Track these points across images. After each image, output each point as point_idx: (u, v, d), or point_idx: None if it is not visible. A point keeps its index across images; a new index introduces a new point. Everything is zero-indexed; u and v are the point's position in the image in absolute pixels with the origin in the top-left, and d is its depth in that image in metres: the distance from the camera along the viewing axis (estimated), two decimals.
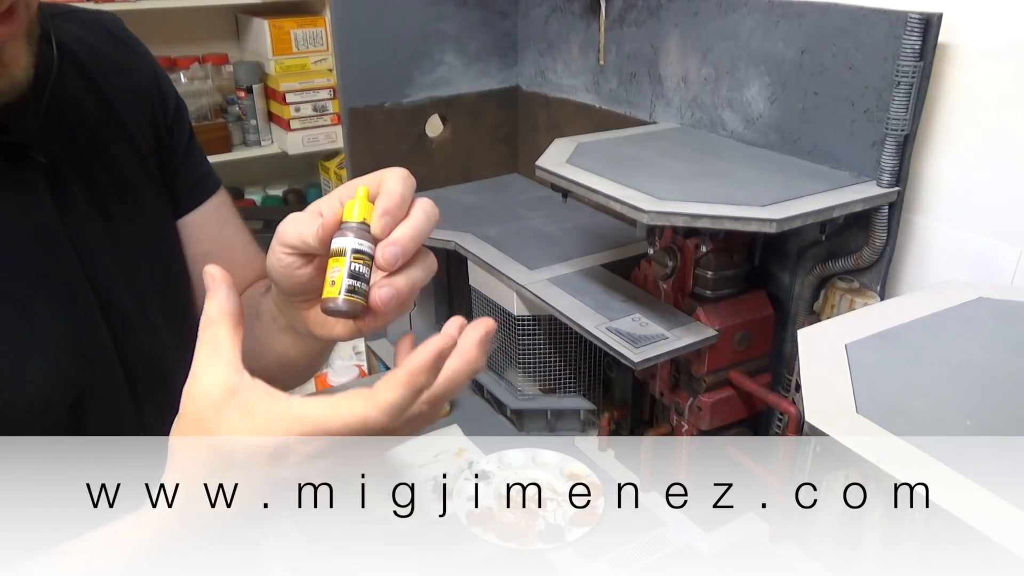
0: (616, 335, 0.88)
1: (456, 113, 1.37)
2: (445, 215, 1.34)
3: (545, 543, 0.90)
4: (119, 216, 0.66)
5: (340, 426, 0.46)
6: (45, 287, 0.59)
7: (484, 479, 1.01)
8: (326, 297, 0.52)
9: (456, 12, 1.30)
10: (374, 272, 0.53)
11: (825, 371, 0.56)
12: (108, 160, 0.66)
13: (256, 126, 2.02)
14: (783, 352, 0.98)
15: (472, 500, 0.97)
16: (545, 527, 0.93)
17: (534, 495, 0.98)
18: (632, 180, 0.83)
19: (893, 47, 0.78)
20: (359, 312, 0.52)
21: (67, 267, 0.61)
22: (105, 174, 0.66)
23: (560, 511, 0.96)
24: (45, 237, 0.59)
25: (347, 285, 0.51)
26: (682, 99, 1.07)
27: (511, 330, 1.09)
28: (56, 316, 0.59)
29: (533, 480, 1.01)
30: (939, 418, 0.51)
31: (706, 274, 0.91)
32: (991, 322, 0.63)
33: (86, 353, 0.61)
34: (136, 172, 0.69)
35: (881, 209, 0.82)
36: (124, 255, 0.66)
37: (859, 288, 0.88)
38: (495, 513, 0.96)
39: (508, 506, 0.97)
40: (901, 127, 0.79)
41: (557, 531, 0.92)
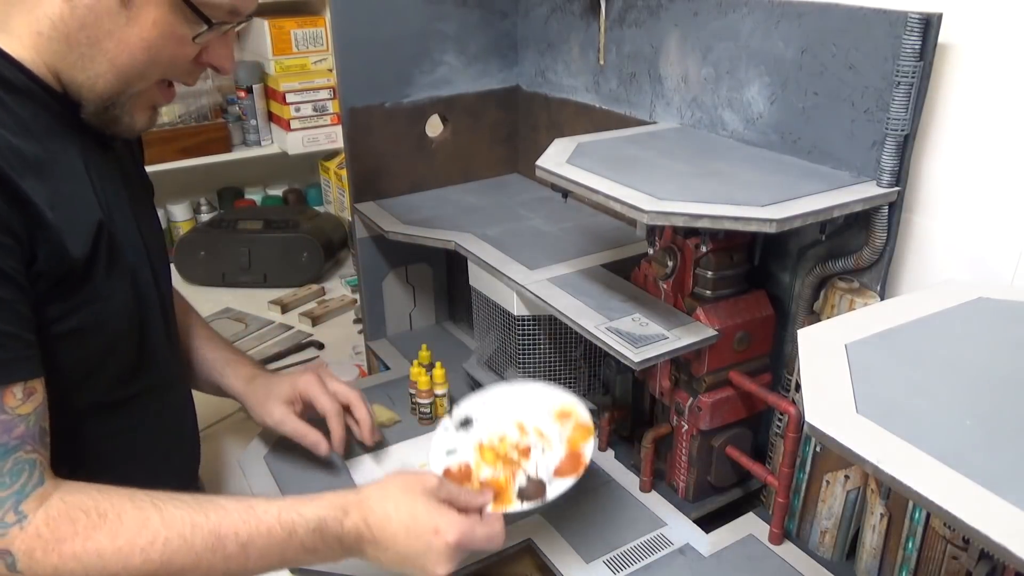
0: (616, 335, 0.88)
1: (456, 113, 1.37)
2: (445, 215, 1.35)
3: (524, 503, 0.84)
4: (143, 196, 0.91)
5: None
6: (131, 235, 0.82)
7: (465, 427, 0.95)
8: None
9: (456, 12, 1.30)
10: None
11: (825, 371, 0.56)
12: (134, 160, 0.93)
13: (256, 126, 2.02)
14: (783, 352, 0.98)
15: (452, 453, 0.91)
16: (526, 482, 0.86)
17: (517, 442, 0.92)
18: (632, 180, 0.83)
19: (893, 47, 0.78)
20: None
21: (131, 223, 0.82)
22: (133, 167, 0.91)
23: (544, 461, 0.89)
24: (119, 200, 0.81)
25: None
26: (682, 99, 1.07)
27: (511, 330, 1.09)
28: (131, 260, 0.81)
29: (519, 422, 0.94)
30: (939, 418, 0.51)
31: (706, 274, 0.91)
32: (991, 322, 0.63)
33: (141, 288, 0.82)
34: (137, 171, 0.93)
35: (881, 209, 0.82)
36: (149, 223, 0.89)
37: (859, 288, 0.88)
38: (473, 468, 0.89)
39: (488, 460, 0.90)
40: (901, 127, 0.79)
41: (538, 488, 0.85)
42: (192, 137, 1.95)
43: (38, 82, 0.72)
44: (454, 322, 1.49)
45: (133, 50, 0.72)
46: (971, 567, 0.74)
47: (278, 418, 0.99)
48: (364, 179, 1.33)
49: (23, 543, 0.65)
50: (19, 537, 0.65)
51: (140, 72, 0.74)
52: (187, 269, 1.83)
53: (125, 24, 0.71)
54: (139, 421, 0.85)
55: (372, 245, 1.36)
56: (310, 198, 2.25)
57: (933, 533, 0.77)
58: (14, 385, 0.66)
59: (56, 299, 0.71)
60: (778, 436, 0.96)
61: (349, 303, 1.72)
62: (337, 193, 2.10)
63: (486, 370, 1.20)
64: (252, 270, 1.81)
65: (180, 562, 0.69)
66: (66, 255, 0.71)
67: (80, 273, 0.73)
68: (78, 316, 0.73)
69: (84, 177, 0.75)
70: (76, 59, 0.72)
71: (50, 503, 0.67)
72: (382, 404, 1.17)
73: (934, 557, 0.77)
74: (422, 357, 1.20)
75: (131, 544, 0.68)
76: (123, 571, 0.67)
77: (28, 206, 0.67)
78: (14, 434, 0.66)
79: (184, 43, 0.75)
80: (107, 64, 0.73)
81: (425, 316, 1.48)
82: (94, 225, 0.74)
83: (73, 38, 0.71)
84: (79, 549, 0.66)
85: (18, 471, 0.66)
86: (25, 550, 0.65)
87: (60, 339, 0.72)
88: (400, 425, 1.15)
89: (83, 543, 0.67)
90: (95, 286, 0.74)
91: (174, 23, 0.73)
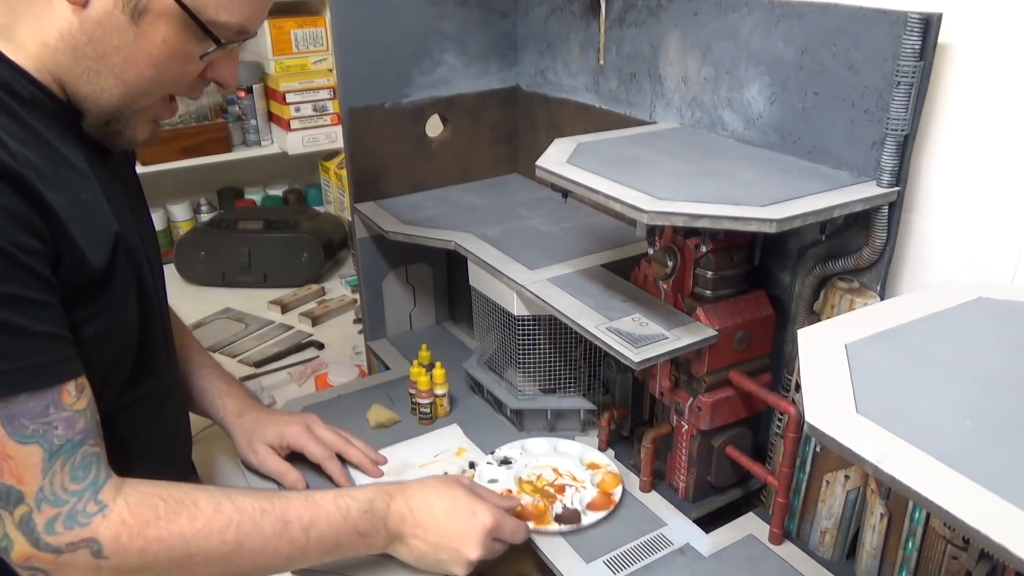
0: (616, 335, 0.88)
1: (456, 113, 1.37)
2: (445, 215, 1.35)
3: (561, 525, 0.92)
4: (138, 198, 0.91)
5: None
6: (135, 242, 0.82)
7: (506, 464, 1.03)
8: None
9: (456, 12, 1.30)
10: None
11: (825, 371, 0.56)
12: (129, 164, 0.93)
13: (256, 126, 2.02)
14: (783, 352, 0.98)
15: (493, 482, 0.99)
16: (563, 510, 0.94)
17: (552, 480, 1.00)
18: (632, 180, 0.83)
19: (893, 47, 0.78)
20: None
21: (133, 229, 0.83)
22: (128, 172, 0.92)
23: (578, 497, 0.97)
24: (120, 206, 0.81)
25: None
26: (682, 99, 1.07)
27: (511, 330, 1.09)
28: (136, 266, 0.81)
29: (553, 466, 1.03)
30: (939, 418, 0.51)
31: (706, 274, 0.91)
32: (991, 322, 0.63)
33: (145, 295, 0.83)
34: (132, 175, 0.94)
35: (881, 209, 0.82)
36: (146, 228, 0.90)
37: (859, 288, 0.88)
38: (514, 495, 0.97)
39: (527, 491, 0.98)
40: (901, 127, 0.79)
41: (573, 515, 0.93)
42: (192, 137, 1.95)
43: (45, 92, 0.72)
44: (454, 322, 1.49)
45: (140, 66, 0.73)
46: (971, 567, 0.74)
47: (261, 458, 1.02)
48: (364, 179, 1.33)
49: (108, 530, 0.69)
50: (103, 524, 0.69)
51: (145, 88, 0.75)
52: (187, 269, 1.83)
53: (134, 40, 0.71)
54: (136, 429, 0.86)
55: (372, 245, 1.36)
56: (310, 198, 2.25)
57: (933, 533, 0.77)
58: (68, 383, 0.69)
59: (75, 308, 0.72)
60: (778, 436, 0.96)
61: (349, 303, 1.72)
62: (337, 193, 2.10)
63: (486, 370, 1.20)
64: (252, 270, 1.81)
65: (251, 545, 0.74)
66: (86, 265, 0.71)
67: (98, 283, 0.74)
68: (95, 325, 0.74)
69: (96, 187, 0.76)
70: (82, 72, 0.72)
71: (126, 492, 0.71)
72: (382, 404, 1.17)
73: (934, 557, 0.77)
74: (422, 357, 1.20)
75: (209, 526, 0.72)
76: (201, 552, 0.72)
77: (52, 215, 0.67)
78: (77, 429, 0.69)
79: (191, 60, 0.75)
80: (113, 79, 0.73)
81: (425, 316, 1.48)
82: (111, 236, 0.75)
83: (80, 51, 0.71)
84: (163, 532, 0.70)
85: (88, 464, 0.70)
86: (111, 536, 0.69)
87: (79, 346, 0.73)
88: (400, 425, 1.15)
89: (167, 525, 0.71)
90: (112, 296, 0.76)
91: (183, 41, 0.73)
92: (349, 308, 1.71)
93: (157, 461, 0.91)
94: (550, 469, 1.02)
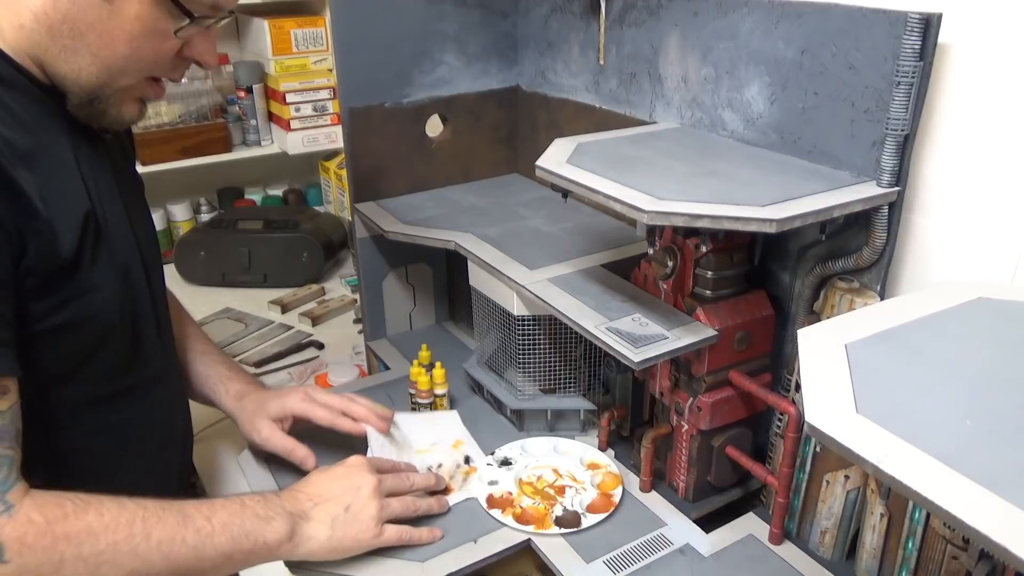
0: (616, 335, 0.88)
1: (456, 113, 1.37)
2: (445, 215, 1.35)
3: (561, 528, 0.92)
4: (134, 193, 0.91)
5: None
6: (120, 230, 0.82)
7: (506, 465, 1.03)
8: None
9: (456, 12, 1.30)
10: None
11: (825, 371, 0.56)
12: (125, 156, 0.94)
13: (256, 126, 2.02)
14: (783, 352, 0.98)
15: (493, 484, 1.00)
16: (562, 512, 0.94)
17: (553, 481, 1.00)
18: (632, 180, 0.83)
19: (893, 47, 0.78)
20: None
21: (122, 217, 0.82)
22: (123, 161, 0.92)
23: (578, 498, 0.97)
24: (111, 194, 0.81)
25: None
26: (682, 99, 1.07)
27: (511, 330, 1.09)
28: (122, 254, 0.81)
29: (554, 467, 1.03)
30: (939, 418, 0.51)
31: (706, 274, 0.91)
32: (991, 322, 0.63)
33: (132, 283, 0.82)
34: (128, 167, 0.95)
35: (881, 209, 0.82)
36: (141, 219, 0.90)
37: (859, 288, 0.88)
38: (514, 498, 0.97)
39: (528, 492, 0.99)
40: (901, 127, 0.79)
41: (573, 517, 0.94)
42: (192, 137, 1.95)
43: (25, 74, 0.73)
44: (454, 322, 1.49)
45: (115, 43, 0.73)
46: (971, 567, 0.74)
47: (265, 435, 1.01)
48: (364, 179, 1.33)
49: (13, 531, 0.67)
50: (8, 525, 0.67)
51: (122, 67, 0.75)
52: (187, 269, 1.83)
53: (107, 17, 0.72)
54: (132, 414, 0.86)
55: (372, 245, 1.36)
56: (310, 198, 2.25)
57: (933, 533, 0.77)
58: None
59: (47, 294, 0.72)
60: (778, 436, 0.96)
61: (349, 303, 1.72)
62: (337, 193, 2.10)
63: (486, 370, 1.20)
64: (252, 270, 1.81)
65: (158, 536, 0.73)
66: (56, 248, 0.71)
67: (69, 266, 0.73)
68: (68, 310, 0.74)
69: (74, 168, 0.76)
70: (59, 51, 0.73)
71: (35, 494, 0.70)
72: (382, 404, 1.17)
73: (934, 557, 0.77)
74: (422, 357, 1.20)
75: (116, 520, 0.72)
76: (110, 548, 0.71)
77: (20, 198, 0.67)
78: None
79: (166, 37, 0.76)
80: (90, 57, 0.73)
81: (425, 316, 1.48)
82: (81, 215, 0.74)
83: (55, 30, 0.71)
84: (71, 529, 0.69)
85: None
86: (16, 537, 0.67)
87: (51, 333, 0.73)
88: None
89: (74, 522, 0.70)
90: (83, 278, 0.75)
91: (156, 17, 0.73)
92: (349, 308, 1.71)
93: (154, 446, 0.91)
94: (550, 470, 1.02)
